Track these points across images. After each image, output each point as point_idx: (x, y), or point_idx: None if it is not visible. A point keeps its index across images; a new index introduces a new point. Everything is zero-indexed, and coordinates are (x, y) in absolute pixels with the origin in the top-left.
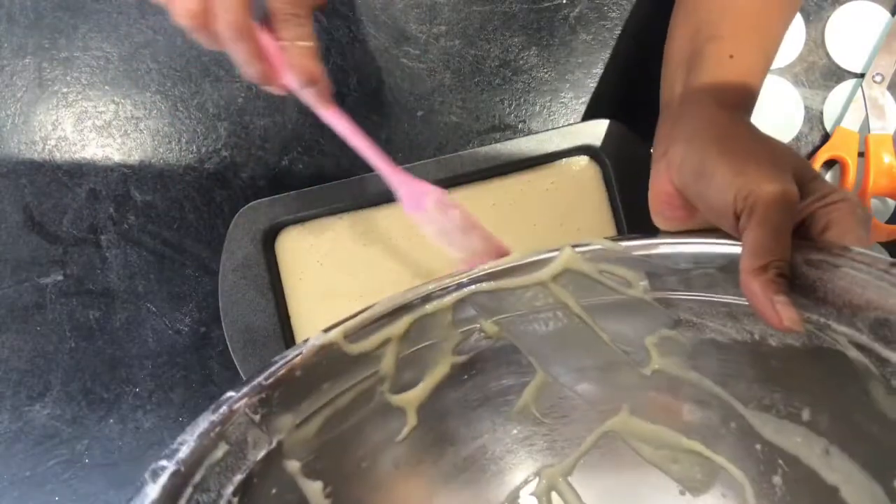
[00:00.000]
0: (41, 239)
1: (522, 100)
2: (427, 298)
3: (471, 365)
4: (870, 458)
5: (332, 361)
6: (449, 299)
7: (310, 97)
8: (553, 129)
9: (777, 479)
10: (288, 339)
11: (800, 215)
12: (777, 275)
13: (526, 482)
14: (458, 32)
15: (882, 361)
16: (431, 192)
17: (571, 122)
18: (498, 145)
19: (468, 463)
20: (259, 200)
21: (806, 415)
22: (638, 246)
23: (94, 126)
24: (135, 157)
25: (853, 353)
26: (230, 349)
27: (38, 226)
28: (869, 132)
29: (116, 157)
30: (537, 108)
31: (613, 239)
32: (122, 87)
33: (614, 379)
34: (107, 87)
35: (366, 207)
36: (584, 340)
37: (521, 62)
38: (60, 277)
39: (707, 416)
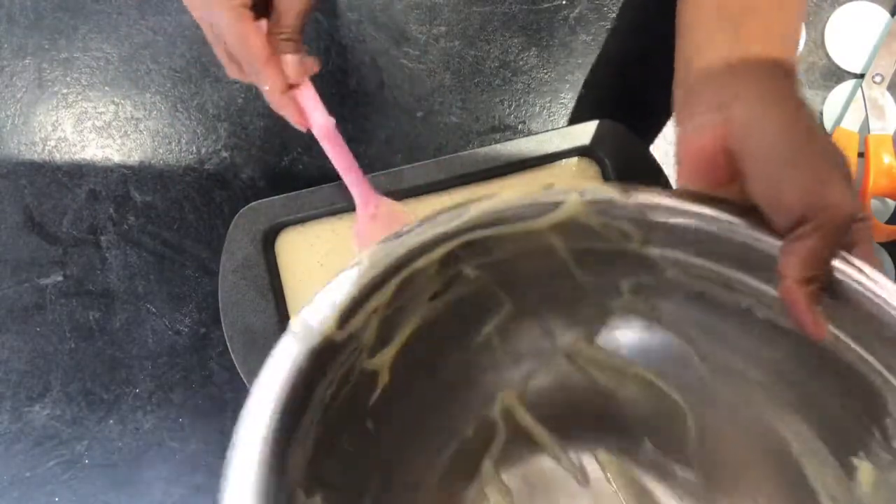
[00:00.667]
0: (41, 240)
1: (522, 100)
2: (420, 252)
3: (445, 310)
4: (826, 430)
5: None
6: (441, 251)
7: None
8: (553, 129)
9: (724, 411)
10: None
11: None
12: (820, 288)
13: (488, 405)
14: (458, 33)
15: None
16: (385, 203)
17: (571, 122)
18: (498, 146)
19: (441, 394)
20: (259, 201)
21: (767, 380)
22: (652, 206)
23: (93, 127)
24: (135, 158)
25: (861, 368)
26: (230, 350)
27: (37, 226)
28: (869, 132)
29: (116, 158)
30: (537, 108)
31: (624, 189)
32: (122, 88)
33: (579, 312)
34: (107, 88)
35: None
36: (557, 273)
37: (520, 63)
38: (60, 278)
39: (664, 353)
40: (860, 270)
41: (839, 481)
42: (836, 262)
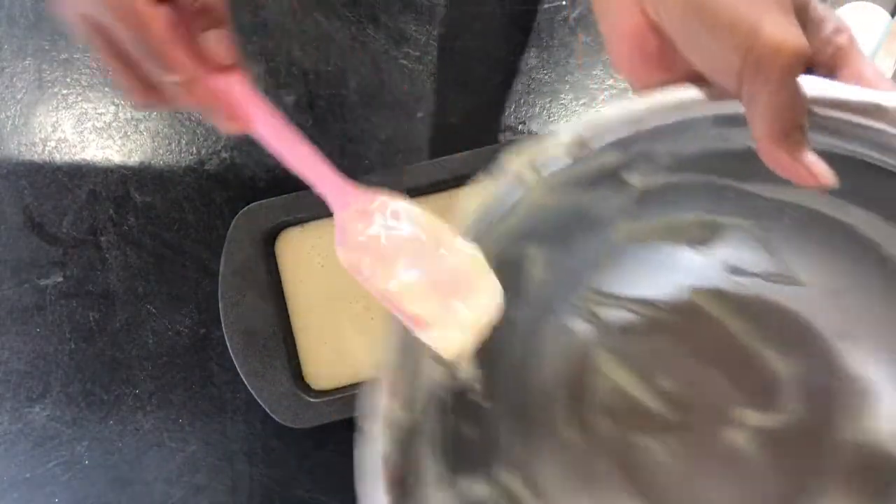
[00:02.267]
0: (41, 240)
1: (522, 100)
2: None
3: None
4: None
5: None
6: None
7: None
8: (553, 130)
9: (786, 220)
10: (288, 341)
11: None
12: (801, 133)
13: (573, 314)
14: (458, 33)
15: None
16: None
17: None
18: (498, 146)
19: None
20: (259, 202)
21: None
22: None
23: (93, 127)
24: (135, 159)
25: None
26: (230, 351)
27: (38, 227)
28: None
29: (116, 159)
30: (537, 109)
31: (576, 144)
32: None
33: (602, 217)
34: (106, 89)
35: None
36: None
37: (520, 63)
38: (60, 279)
39: (699, 195)
40: (842, 103)
41: None
42: (819, 91)
